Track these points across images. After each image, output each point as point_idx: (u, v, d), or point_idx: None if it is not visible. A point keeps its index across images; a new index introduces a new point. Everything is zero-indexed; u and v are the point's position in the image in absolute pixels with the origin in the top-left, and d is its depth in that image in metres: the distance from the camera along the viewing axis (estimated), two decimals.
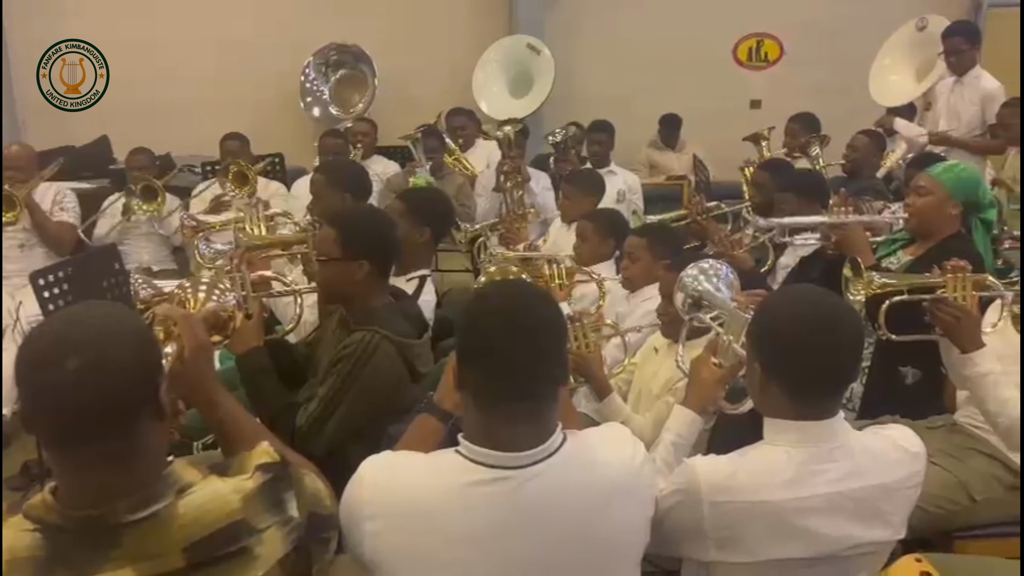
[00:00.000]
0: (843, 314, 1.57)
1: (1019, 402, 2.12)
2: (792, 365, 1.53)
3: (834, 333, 1.51)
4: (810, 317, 1.53)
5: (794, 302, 1.62)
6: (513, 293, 1.45)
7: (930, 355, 2.34)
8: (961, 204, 2.77)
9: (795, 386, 1.54)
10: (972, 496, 2.30)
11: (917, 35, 5.46)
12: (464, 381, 1.40)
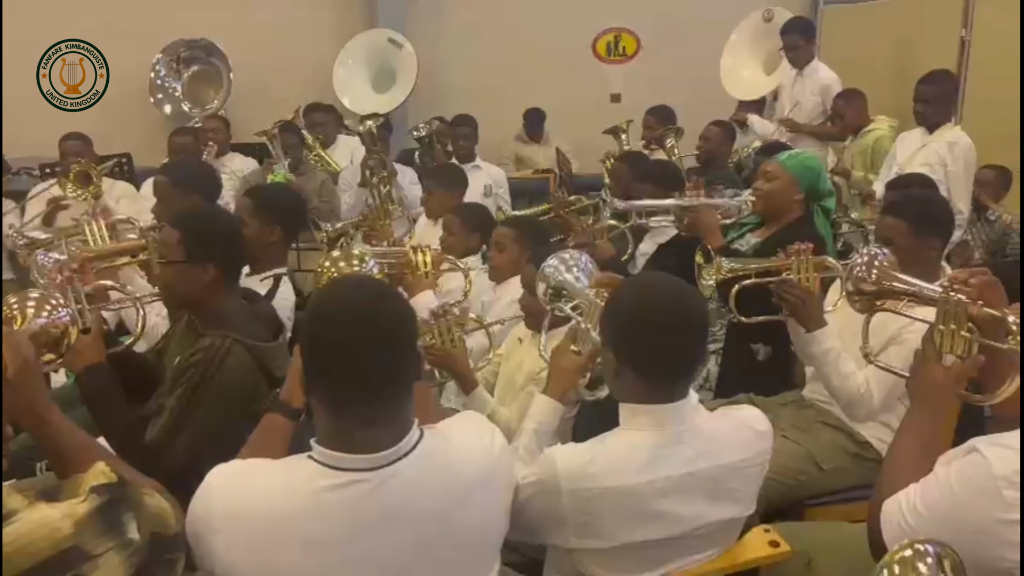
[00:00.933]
0: (688, 298, 1.62)
1: (858, 376, 2.26)
2: (641, 349, 1.57)
3: (680, 316, 1.56)
4: (657, 302, 1.58)
5: (642, 288, 1.67)
6: (359, 292, 1.40)
7: (780, 333, 2.44)
8: (804, 191, 2.92)
9: (645, 370, 1.57)
10: (820, 466, 2.43)
11: (764, 25, 5.73)
12: (313, 385, 1.35)
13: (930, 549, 1.17)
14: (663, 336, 1.54)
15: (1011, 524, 1.31)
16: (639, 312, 1.58)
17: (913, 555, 1.16)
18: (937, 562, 1.16)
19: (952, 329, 1.62)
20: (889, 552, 1.17)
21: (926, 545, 1.17)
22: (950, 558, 1.17)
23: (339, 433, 1.32)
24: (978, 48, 4.84)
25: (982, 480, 1.34)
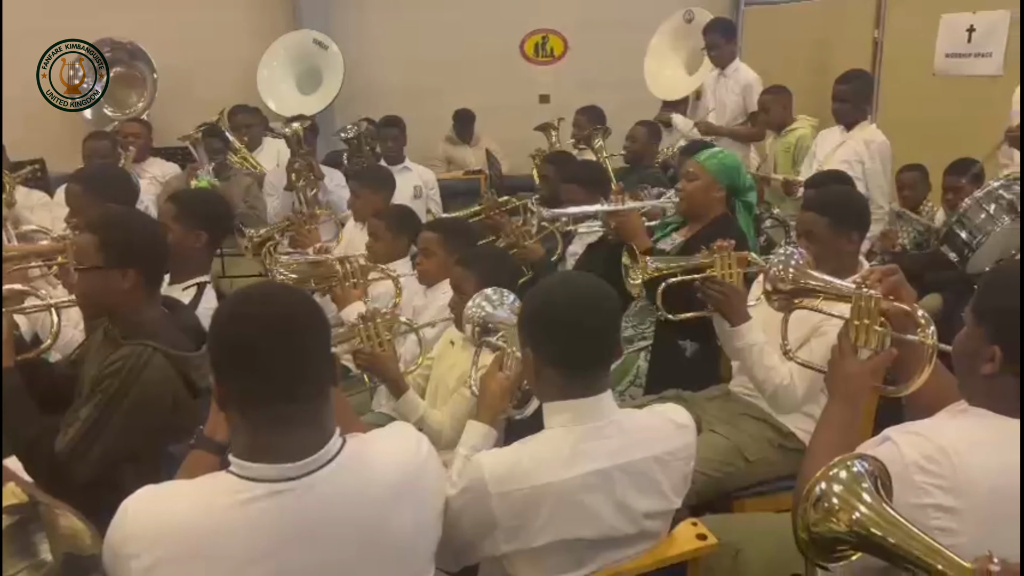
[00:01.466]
0: (596, 289, 1.66)
1: (782, 369, 2.32)
2: (557, 344, 1.61)
3: (589, 307, 1.60)
4: (567, 296, 1.63)
5: (554, 286, 1.71)
6: (263, 295, 1.39)
7: (706, 330, 2.48)
8: (725, 188, 2.99)
9: (562, 362, 1.61)
10: (747, 458, 2.48)
11: (685, 26, 5.83)
12: (225, 395, 1.32)
13: (862, 467, 1.22)
14: (575, 327, 1.58)
15: (923, 508, 1.35)
16: (551, 307, 1.63)
17: (849, 476, 1.20)
18: (873, 480, 1.21)
19: (866, 324, 1.67)
20: (817, 476, 1.21)
21: (856, 463, 1.21)
22: (880, 471, 1.22)
23: (256, 443, 1.30)
24: (890, 49, 5.02)
25: (895, 467, 1.39)
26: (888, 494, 1.21)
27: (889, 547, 1.20)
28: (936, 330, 1.65)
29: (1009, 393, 1.40)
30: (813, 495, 1.19)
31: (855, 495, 1.18)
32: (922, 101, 4.79)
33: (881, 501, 1.18)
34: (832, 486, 1.18)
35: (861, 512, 1.17)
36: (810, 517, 1.19)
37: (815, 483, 1.19)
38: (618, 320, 1.67)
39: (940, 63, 4.73)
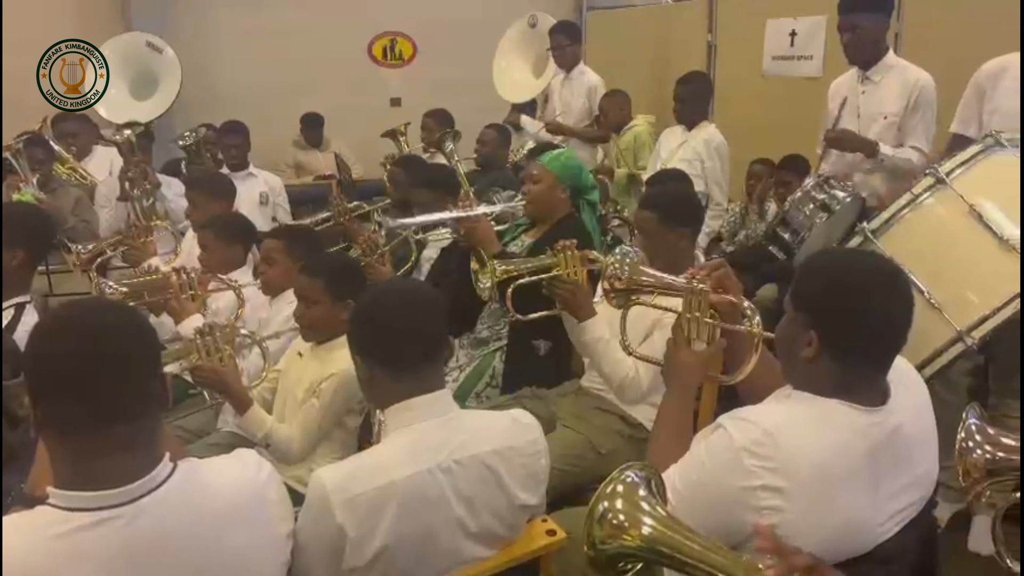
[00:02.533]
0: (415, 294, 1.71)
1: (628, 361, 2.38)
2: (380, 347, 1.64)
3: (407, 309, 1.64)
4: (386, 301, 1.67)
5: (373, 293, 1.75)
6: (81, 310, 1.31)
7: (559, 328, 2.54)
8: (568, 188, 3.05)
9: (389, 367, 1.63)
10: (598, 450, 2.54)
11: (529, 31, 5.91)
12: (41, 419, 1.23)
13: (637, 476, 1.26)
14: (393, 327, 1.62)
15: (753, 490, 1.42)
16: (370, 312, 1.67)
17: (626, 488, 1.23)
18: (647, 486, 1.25)
19: (697, 316, 1.75)
20: (599, 492, 1.24)
21: (630, 473, 1.26)
22: (655, 477, 1.26)
23: (77, 470, 1.22)
24: (722, 51, 5.28)
25: (726, 452, 1.45)
26: (663, 498, 1.26)
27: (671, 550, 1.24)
28: (770, 319, 1.73)
29: (827, 376, 1.49)
30: (597, 512, 1.22)
31: (635, 506, 1.22)
32: (753, 101, 5.06)
33: (656, 505, 1.23)
34: (615, 502, 1.21)
35: (646, 523, 1.21)
36: (597, 535, 1.21)
37: (598, 501, 1.22)
38: (439, 318, 1.69)
39: (768, 65, 5.02)
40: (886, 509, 1.50)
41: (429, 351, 1.66)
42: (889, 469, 1.49)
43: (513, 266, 2.49)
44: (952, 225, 2.26)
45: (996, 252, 2.19)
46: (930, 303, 2.20)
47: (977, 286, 2.22)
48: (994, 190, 2.27)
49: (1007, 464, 1.21)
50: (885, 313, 1.47)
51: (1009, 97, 2.73)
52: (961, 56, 3.00)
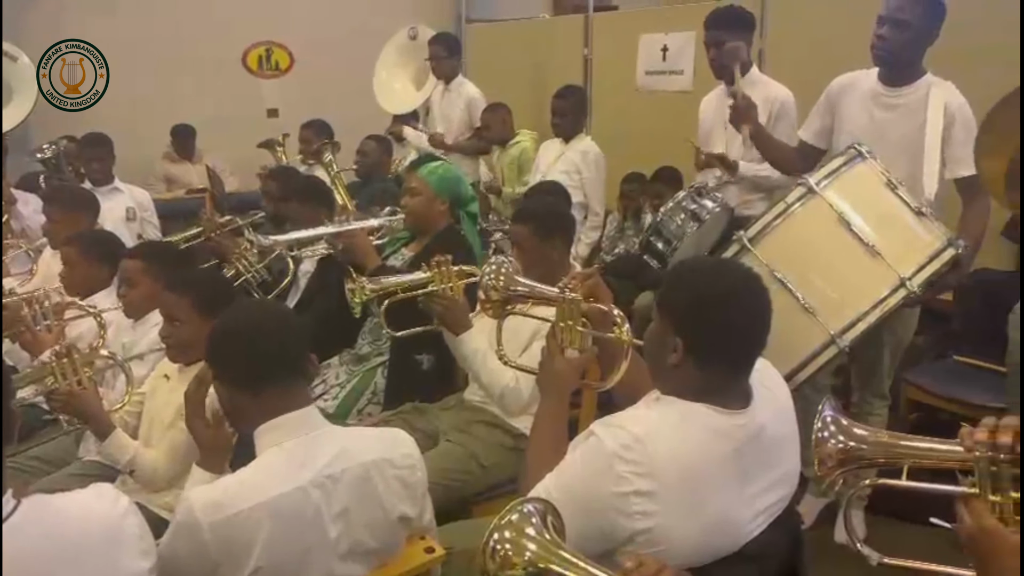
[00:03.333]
0: (271, 310, 1.73)
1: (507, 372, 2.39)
2: (240, 366, 1.61)
3: (266, 327, 1.63)
4: (242, 320, 1.66)
5: (229, 313, 1.71)
6: None
7: (442, 341, 2.53)
8: (447, 200, 3.05)
9: (253, 387, 1.60)
10: (481, 463, 2.54)
11: (410, 43, 5.90)
12: None
13: (533, 508, 1.26)
14: (250, 344, 1.60)
15: (625, 496, 1.45)
16: (227, 331, 1.64)
17: (519, 517, 1.24)
18: (541, 518, 1.25)
19: (570, 325, 1.77)
20: (496, 519, 1.24)
21: (527, 505, 1.26)
22: (551, 512, 1.27)
23: None
24: (598, 66, 5.40)
25: (598, 458, 1.47)
26: (559, 532, 1.27)
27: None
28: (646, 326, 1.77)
29: (692, 380, 1.54)
30: (488, 548, 1.22)
31: (522, 535, 1.23)
32: (628, 114, 5.20)
33: (544, 532, 1.23)
34: (504, 532, 1.22)
35: (530, 549, 1.22)
36: (489, 567, 1.21)
37: (491, 534, 1.23)
38: (296, 334, 1.67)
39: (641, 79, 5.16)
40: (754, 507, 1.55)
41: (290, 369, 1.63)
42: (755, 468, 1.55)
43: (386, 283, 2.47)
44: (823, 232, 2.37)
45: (864, 258, 2.31)
46: (804, 308, 2.31)
47: (847, 291, 2.33)
48: (859, 199, 2.40)
49: (858, 453, 1.27)
50: (744, 318, 1.53)
51: (854, 109, 2.88)
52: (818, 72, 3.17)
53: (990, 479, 1.14)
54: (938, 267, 2.31)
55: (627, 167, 4.84)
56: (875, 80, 2.85)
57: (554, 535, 1.25)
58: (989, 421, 1.16)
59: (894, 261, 2.28)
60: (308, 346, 1.70)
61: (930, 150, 2.64)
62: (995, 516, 1.15)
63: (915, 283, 2.26)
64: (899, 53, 2.73)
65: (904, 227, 2.37)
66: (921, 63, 2.79)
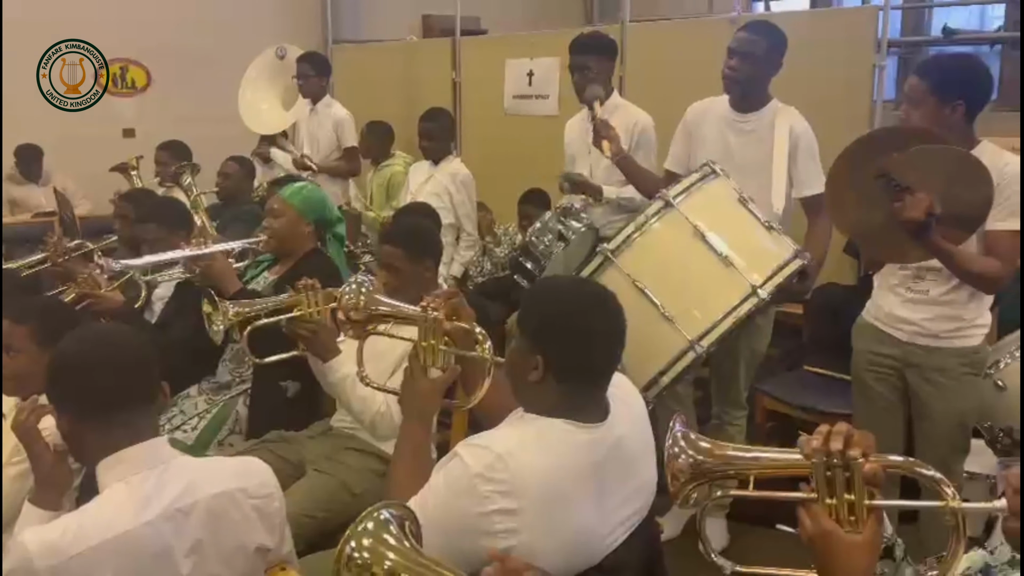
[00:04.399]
0: (115, 335, 1.64)
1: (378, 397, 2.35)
2: (82, 397, 1.53)
3: (109, 353, 1.56)
4: (85, 346, 1.58)
5: (70, 339, 1.63)
6: None
7: (308, 367, 2.45)
8: (312, 222, 2.99)
9: (96, 416, 1.52)
10: (352, 491, 2.48)
11: (278, 63, 5.77)
12: None
13: (391, 515, 1.24)
14: (87, 373, 1.53)
15: (488, 515, 1.45)
16: (64, 359, 1.57)
17: (376, 525, 1.21)
18: (400, 525, 1.23)
19: (432, 344, 1.76)
20: (348, 532, 1.21)
21: (385, 512, 1.24)
22: (410, 519, 1.26)
23: None
24: (467, 89, 5.44)
25: (461, 480, 1.47)
26: (417, 539, 1.26)
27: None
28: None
29: (553, 397, 1.57)
30: (344, 555, 1.19)
31: (383, 543, 1.20)
32: (497, 137, 5.26)
33: (404, 540, 1.22)
34: (361, 540, 1.19)
35: (390, 558, 1.20)
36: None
37: (345, 542, 1.20)
38: (144, 361, 1.59)
39: (508, 103, 5.24)
40: (612, 519, 1.59)
41: (135, 399, 1.55)
42: (613, 481, 1.58)
43: (248, 308, 2.39)
44: (680, 244, 2.48)
45: (718, 268, 2.42)
46: (664, 316, 2.39)
47: (703, 299, 2.44)
48: (713, 213, 2.52)
49: (707, 466, 1.32)
50: (600, 334, 1.57)
51: (709, 134, 3.05)
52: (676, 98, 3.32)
53: (825, 484, 1.21)
54: (785, 276, 2.44)
55: (497, 189, 4.90)
56: (727, 106, 3.03)
57: (414, 543, 1.23)
58: (823, 428, 1.23)
59: (745, 271, 2.40)
60: (158, 374, 1.62)
61: (777, 170, 2.85)
62: (832, 518, 1.21)
63: (765, 291, 2.39)
64: (746, 83, 2.94)
65: (755, 240, 2.51)
66: (767, 91, 2.99)
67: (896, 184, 2.19)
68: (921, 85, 2.37)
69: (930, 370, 2.50)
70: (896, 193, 2.19)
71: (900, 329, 2.54)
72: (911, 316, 2.51)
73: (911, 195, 2.17)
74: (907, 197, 2.18)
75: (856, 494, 1.20)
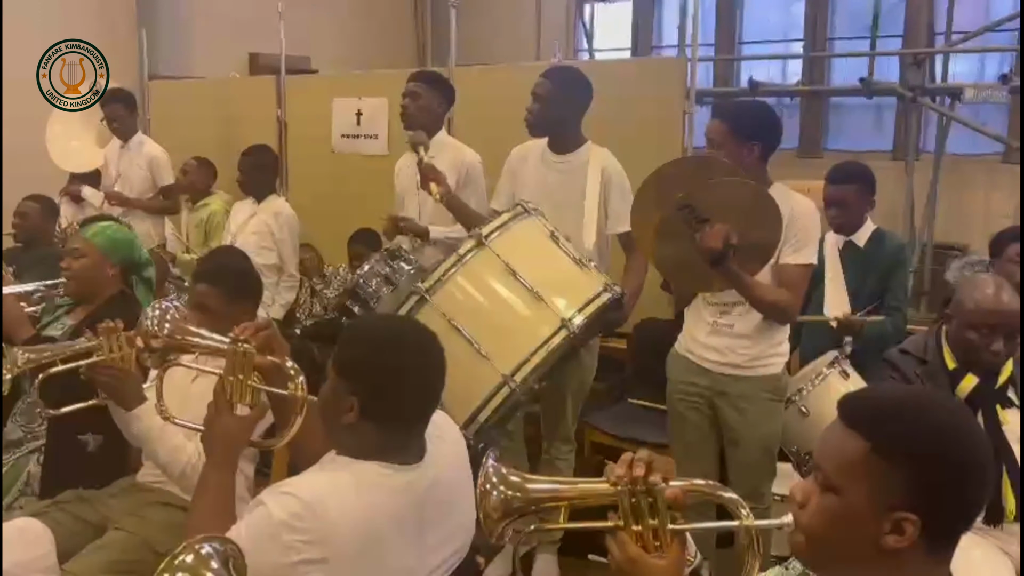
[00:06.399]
0: None
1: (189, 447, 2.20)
2: None
3: None
4: None
5: None
6: None
7: (109, 418, 2.28)
8: (118, 264, 2.80)
9: None
10: (156, 550, 2.30)
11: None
12: None
13: (213, 549, 1.16)
14: None
15: (294, 566, 1.38)
16: None
17: (196, 560, 1.13)
18: (223, 562, 1.15)
19: (240, 379, 1.68)
20: (165, 562, 1.12)
21: (207, 545, 1.15)
22: (234, 555, 1.17)
23: None
24: (293, 127, 5.32)
25: (265, 529, 1.40)
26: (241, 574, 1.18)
27: None
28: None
29: (367, 438, 1.53)
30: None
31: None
32: (325, 176, 5.17)
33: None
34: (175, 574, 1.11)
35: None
36: None
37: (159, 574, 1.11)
38: None
39: (337, 142, 5.16)
40: (431, 561, 1.56)
41: None
42: (431, 521, 1.56)
43: (40, 354, 2.19)
44: (492, 281, 2.51)
45: (529, 303, 2.48)
46: (479, 353, 2.41)
47: (515, 333, 2.48)
48: (524, 250, 2.58)
49: (518, 502, 1.31)
50: (419, 374, 1.55)
51: (529, 173, 3.17)
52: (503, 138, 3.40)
53: (630, 510, 1.23)
54: (596, 308, 2.52)
55: (325, 228, 4.80)
56: (546, 148, 3.14)
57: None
58: (627, 456, 1.25)
59: (555, 305, 2.47)
60: None
61: (588, 208, 2.97)
62: (639, 544, 1.23)
63: (575, 323, 2.45)
64: (538, 123, 3.10)
65: (564, 275, 2.59)
66: (579, 132, 3.12)
67: (696, 215, 2.32)
68: (721, 127, 2.55)
69: (736, 397, 2.64)
70: (696, 224, 2.33)
71: (709, 360, 2.67)
72: (718, 347, 2.65)
73: (710, 225, 2.31)
74: (706, 227, 2.31)
75: (660, 519, 1.23)
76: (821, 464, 1.15)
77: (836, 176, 3.24)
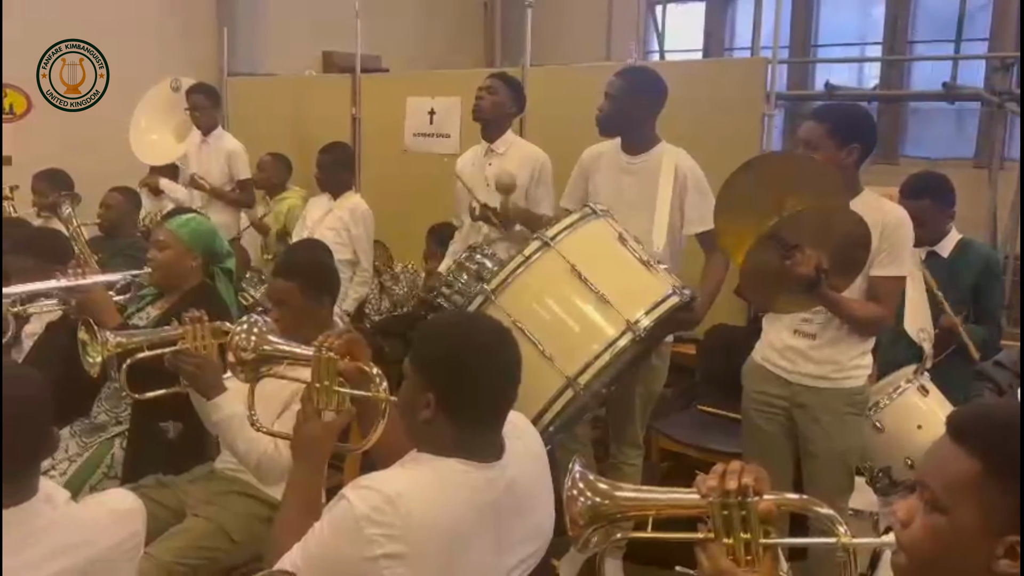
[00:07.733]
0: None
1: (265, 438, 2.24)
2: None
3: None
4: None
5: None
6: None
7: (190, 407, 2.34)
8: (200, 255, 2.86)
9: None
10: (232, 538, 2.36)
11: (172, 95, 5.61)
12: None
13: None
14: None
15: (375, 560, 1.39)
16: None
17: None
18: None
19: (326, 385, 1.69)
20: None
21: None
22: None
23: None
24: (367, 125, 5.37)
25: (346, 523, 1.41)
26: None
27: None
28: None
29: (445, 435, 1.52)
30: None
31: None
32: (396, 174, 5.22)
33: None
34: None
35: None
36: None
37: None
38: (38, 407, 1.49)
39: (409, 141, 5.21)
40: (509, 560, 1.55)
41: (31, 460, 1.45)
42: (509, 522, 1.54)
43: (128, 338, 2.26)
44: (557, 282, 2.47)
45: (595, 305, 2.43)
46: (543, 355, 2.37)
47: (580, 336, 2.43)
48: (590, 252, 2.53)
49: (605, 509, 1.30)
50: (495, 372, 1.54)
51: (602, 175, 3.13)
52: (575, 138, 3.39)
53: (722, 523, 1.20)
54: (663, 311, 2.46)
55: (395, 226, 4.84)
56: (619, 149, 3.10)
57: None
58: (719, 467, 1.22)
59: (621, 307, 2.41)
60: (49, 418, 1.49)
61: (660, 208, 2.91)
62: (729, 558, 1.20)
63: (641, 326, 2.40)
64: (608, 121, 3.06)
65: (632, 276, 2.54)
66: (652, 132, 3.08)
67: (785, 243, 2.26)
68: (819, 128, 2.46)
69: (816, 410, 2.57)
70: (786, 252, 2.26)
71: (787, 370, 2.61)
72: (798, 357, 2.58)
73: (801, 252, 2.25)
74: (797, 254, 2.25)
75: (752, 532, 1.20)
76: (927, 482, 1.10)
77: (909, 190, 3.14)
